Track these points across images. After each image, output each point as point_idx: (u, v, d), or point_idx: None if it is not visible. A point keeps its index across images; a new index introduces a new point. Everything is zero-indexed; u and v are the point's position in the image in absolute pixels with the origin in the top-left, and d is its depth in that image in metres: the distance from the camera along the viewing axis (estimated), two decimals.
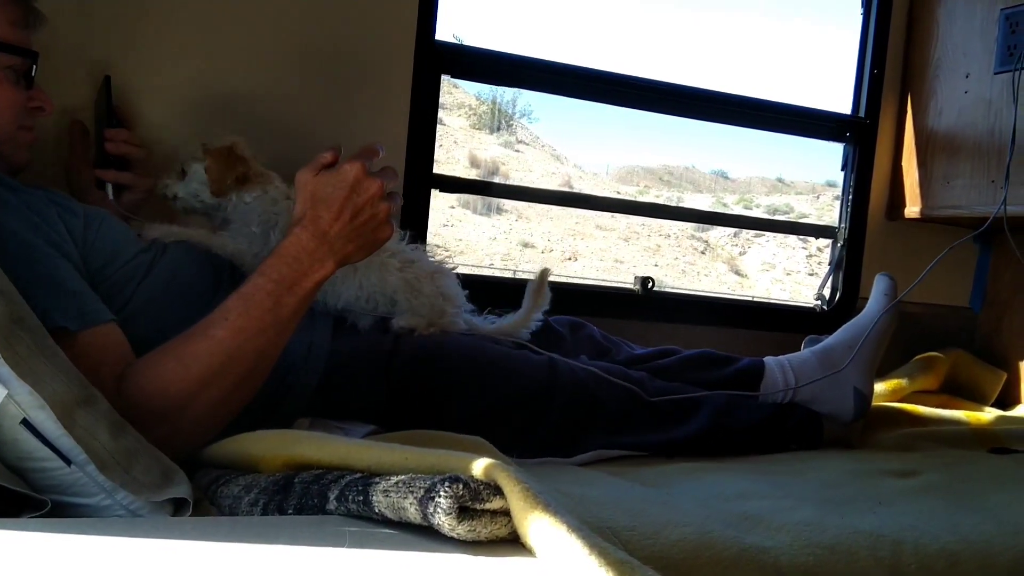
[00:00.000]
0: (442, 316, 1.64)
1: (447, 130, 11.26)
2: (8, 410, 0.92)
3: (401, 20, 1.99)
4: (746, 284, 12.75)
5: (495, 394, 1.56)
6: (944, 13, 2.45)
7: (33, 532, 0.79)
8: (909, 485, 1.49)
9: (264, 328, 1.20)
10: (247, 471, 1.09)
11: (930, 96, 2.48)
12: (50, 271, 1.20)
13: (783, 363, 1.88)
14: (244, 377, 1.21)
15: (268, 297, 1.19)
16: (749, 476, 1.46)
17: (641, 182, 13.93)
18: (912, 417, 2.07)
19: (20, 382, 0.92)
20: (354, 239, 1.24)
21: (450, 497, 0.81)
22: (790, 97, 2.49)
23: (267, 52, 1.88)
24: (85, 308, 1.20)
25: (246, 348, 1.19)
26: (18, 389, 0.92)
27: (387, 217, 1.26)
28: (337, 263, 1.24)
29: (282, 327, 1.22)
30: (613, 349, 1.90)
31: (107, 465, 0.98)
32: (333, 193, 1.23)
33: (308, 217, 1.23)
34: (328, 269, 1.23)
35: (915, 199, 2.50)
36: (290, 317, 1.22)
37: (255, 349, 1.20)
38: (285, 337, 1.24)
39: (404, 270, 1.63)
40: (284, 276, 1.21)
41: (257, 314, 1.19)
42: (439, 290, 1.65)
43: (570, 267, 12.09)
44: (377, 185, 1.23)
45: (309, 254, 1.22)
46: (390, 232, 1.26)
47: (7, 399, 0.91)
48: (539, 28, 11.94)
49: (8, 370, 0.91)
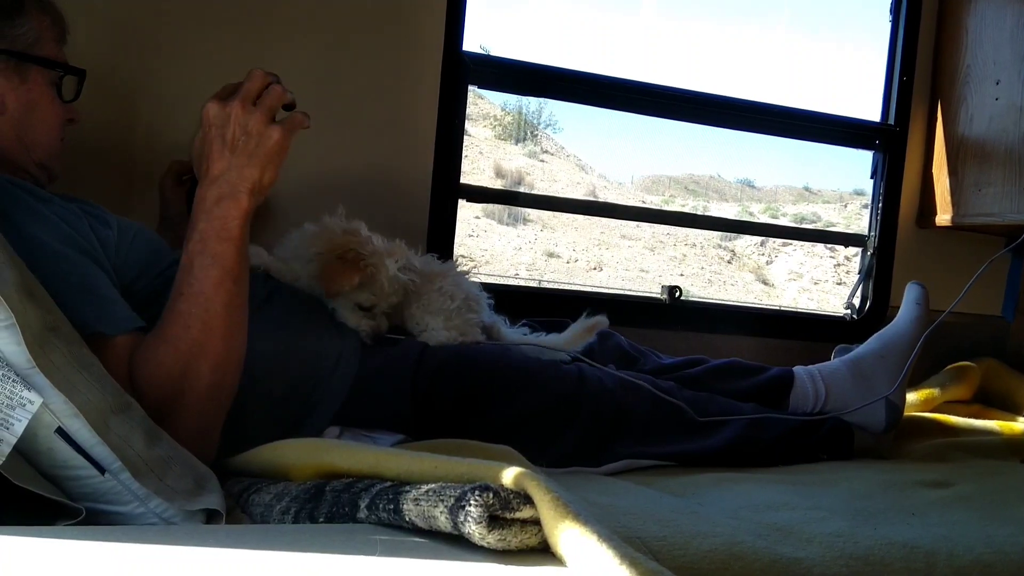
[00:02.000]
0: (470, 327, 1.64)
1: (472, 141, 11.28)
2: (43, 419, 0.93)
3: (428, 31, 2.00)
4: (773, 294, 12.63)
5: (522, 403, 1.56)
6: (973, 20, 2.43)
7: (68, 540, 0.80)
8: (942, 496, 1.47)
9: (218, 282, 1.21)
10: (278, 479, 1.10)
11: (960, 103, 2.46)
12: (83, 278, 1.22)
13: (813, 373, 1.86)
14: (228, 333, 1.23)
15: (203, 255, 1.21)
16: (779, 486, 1.44)
17: (666, 191, 13.86)
18: (944, 427, 2.05)
19: (55, 391, 0.93)
20: (247, 164, 1.23)
21: (480, 506, 0.81)
22: (818, 106, 2.48)
23: (296, 64, 1.90)
24: (118, 314, 1.23)
25: (213, 306, 1.21)
26: (53, 398, 0.93)
27: (265, 123, 1.24)
28: (248, 193, 1.23)
29: (236, 274, 1.23)
30: (641, 359, 1.90)
31: (141, 472, 0.99)
32: (203, 142, 1.25)
33: (201, 174, 1.26)
34: (243, 203, 1.23)
35: (946, 207, 2.47)
36: (236, 261, 1.23)
37: (222, 304, 1.22)
38: (244, 282, 1.26)
39: (433, 282, 1.65)
40: (206, 230, 1.22)
41: (204, 274, 1.21)
42: (467, 300, 1.66)
43: (595, 277, 12.04)
44: (234, 106, 1.23)
45: (216, 202, 1.23)
46: (278, 135, 1.24)
47: (42, 408, 0.92)
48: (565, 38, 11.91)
49: (44, 379, 0.93)
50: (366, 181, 1.96)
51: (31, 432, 0.92)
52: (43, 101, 1.40)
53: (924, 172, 2.55)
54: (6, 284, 0.94)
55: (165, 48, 1.79)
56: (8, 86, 1.34)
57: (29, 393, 0.91)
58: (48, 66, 1.40)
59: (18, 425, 0.90)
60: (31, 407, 0.91)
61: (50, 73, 1.40)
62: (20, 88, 1.36)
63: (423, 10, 2.00)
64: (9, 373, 0.91)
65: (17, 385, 0.91)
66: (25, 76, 1.37)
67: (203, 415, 1.22)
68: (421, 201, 2.03)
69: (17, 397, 0.91)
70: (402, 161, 2.02)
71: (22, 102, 1.36)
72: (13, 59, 1.34)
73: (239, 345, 1.27)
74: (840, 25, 10.90)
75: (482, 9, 2.21)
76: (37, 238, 1.21)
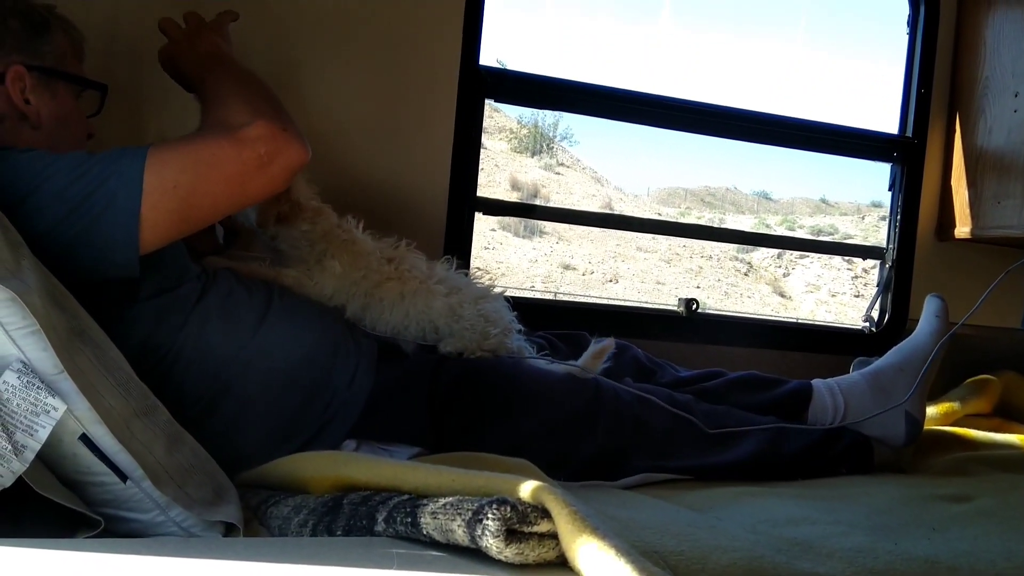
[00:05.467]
0: (487, 339, 1.64)
1: (488, 153, 11.33)
2: (68, 425, 0.94)
3: (446, 46, 2.02)
4: (790, 306, 12.59)
5: (539, 416, 1.56)
6: (991, 33, 2.42)
7: (88, 552, 0.81)
8: (962, 510, 1.45)
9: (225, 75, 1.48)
10: (296, 492, 1.10)
11: (979, 115, 2.44)
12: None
13: (832, 386, 1.85)
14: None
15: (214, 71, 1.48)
16: (798, 501, 1.43)
17: (682, 203, 13.86)
18: (964, 441, 2.03)
19: (80, 396, 0.94)
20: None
21: (498, 519, 0.81)
22: (836, 118, 2.48)
23: (317, 79, 1.92)
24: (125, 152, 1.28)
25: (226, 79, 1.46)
26: (78, 404, 0.94)
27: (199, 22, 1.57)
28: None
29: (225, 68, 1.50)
30: (658, 371, 1.89)
31: (161, 480, 1.00)
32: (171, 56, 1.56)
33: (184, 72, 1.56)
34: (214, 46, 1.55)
35: (965, 219, 2.46)
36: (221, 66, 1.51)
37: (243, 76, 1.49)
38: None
39: (449, 296, 1.64)
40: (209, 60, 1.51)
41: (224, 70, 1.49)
42: (480, 313, 1.65)
43: (611, 289, 12.04)
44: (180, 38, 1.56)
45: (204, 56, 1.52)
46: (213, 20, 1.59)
47: (67, 414, 0.93)
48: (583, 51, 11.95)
49: (70, 384, 0.94)
50: (383, 194, 1.97)
51: (56, 438, 0.93)
52: (72, 116, 1.44)
53: (943, 184, 2.53)
54: (30, 291, 0.96)
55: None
56: (41, 101, 1.39)
57: (53, 400, 0.92)
58: (76, 82, 1.45)
59: (42, 432, 0.91)
60: (55, 413, 0.92)
61: (74, 88, 1.44)
62: (51, 103, 1.40)
63: (441, 25, 2.02)
64: (34, 380, 0.92)
65: (41, 392, 0.92)
66: (55, 91, 1.41)
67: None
68: (438, 214, 2.03)
69: (42, 404, 0.92)
70: (419, 174, 2.03)
71: (54, 117, 1.41)
72: (44, 75, 1.39)
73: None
74: (858, 38, 10.91)
75: (499, 23, 2.22)
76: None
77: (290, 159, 1.33)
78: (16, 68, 1.35)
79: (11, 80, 1.35)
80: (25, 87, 1.37)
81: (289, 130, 1.33)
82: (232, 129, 1.29)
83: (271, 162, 1.30)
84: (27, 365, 0.92)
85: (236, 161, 1.28)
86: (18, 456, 0.88)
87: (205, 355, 1.39)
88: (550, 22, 9.14)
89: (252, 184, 1.32)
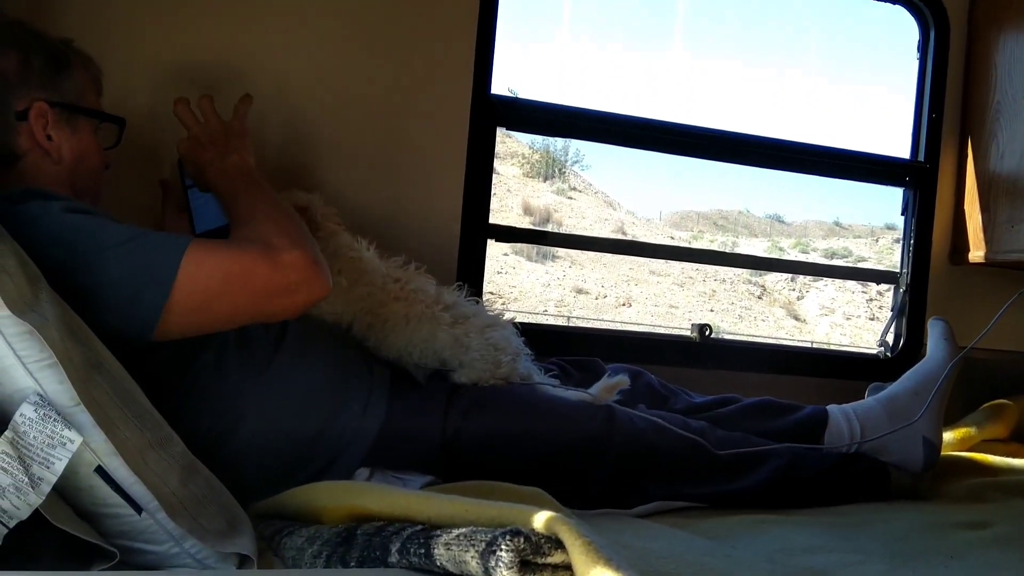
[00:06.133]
0: (499, 367, 1.63)
1: (501, 179, 11.39)
2: (84, 457, 0.95)
3: (458, 75, 2.03)
4: (805, 329, 12.52)
5: (551, 443, 1.56)
6: (1002, 57, 2.42)
7: None
8: (981, 537, 1.44)
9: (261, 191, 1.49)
10: (310, 522, 1.10)
11: (991, 139, 2.44)
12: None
13: (847, 412, 1.84)
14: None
15: (244, 189, 1.49)
16: (815, 529, 1.42)
17: (694, 227, 13.85)
18: (982, 467, 2.01)
19: (97, 428, 0.95)
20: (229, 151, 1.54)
21: (512, 551, 0.81)
22: (849, 143, 2.48)
23: (331, 104, 1.94)
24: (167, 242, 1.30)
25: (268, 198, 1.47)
26: (94, 436, 0.95)
27: (221, 123, 1.57)
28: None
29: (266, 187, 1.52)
30: (671, 398, 1.88)
31: (176, 511, 1.00)
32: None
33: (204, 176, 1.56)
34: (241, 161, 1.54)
35: (979, 244, 2.45)
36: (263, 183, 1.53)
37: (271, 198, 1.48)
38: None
39: (455, 326, 1.64)
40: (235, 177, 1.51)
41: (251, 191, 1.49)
42: (489, 342, 1.64)
43: (625, 313, 12.02)
44: (194, 136, 1.55)
45: (229, 170, 1.52)
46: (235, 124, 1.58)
47: (83, 446, 0.94)
48: (594, 79, 12.03)
49: (87, 416, 0.95)
50: (396, 222, 1.98)
51: (71, 470, 0.94)
52: (91, 150, 1.47)
53: (956, 208, 2.53)
54: (48, 324, 0.97)
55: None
56: (62, 137, 1.41)
57: (70, 432, 0.93)
58: (95, 116, 1.48)
59: (58, 464, 0.92)
60: (71, 446, 0.93)
61: (93, 122, 1.47)
62: (72, 138, 1.43)
63: (453, 55, 2.04)
64: (51, 412, 0.93)
65: (58, 424, 0.93)
66: (75, 127, 1.44)
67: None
68: (450, 241, 2.04)
69: (58, 436, 0.93)
70: (432, 202, 2.04)
71: (75, 152, 1.44)
72: (66, 111, 1.42)
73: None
74: (867, 65, 10.96)
75: (512, 52, 2.24)
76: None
77: (314, 291, 1.36)
78: (39, 105, 1.38)
79: (34, 117, 1.38)
80: (48, 123, 1.40)
81: (320, 264, 1.37)
82: (271, 250, 1.33)
83: (297, 290, 1.34)
84: (44, 398, 0.93)
85: (267, 280, 1.31)
86: (35, 489, 0.89)
87: (221, 383, 1.40)
88: (562, 51, 9.19)
89: (273, 304, 1.35)
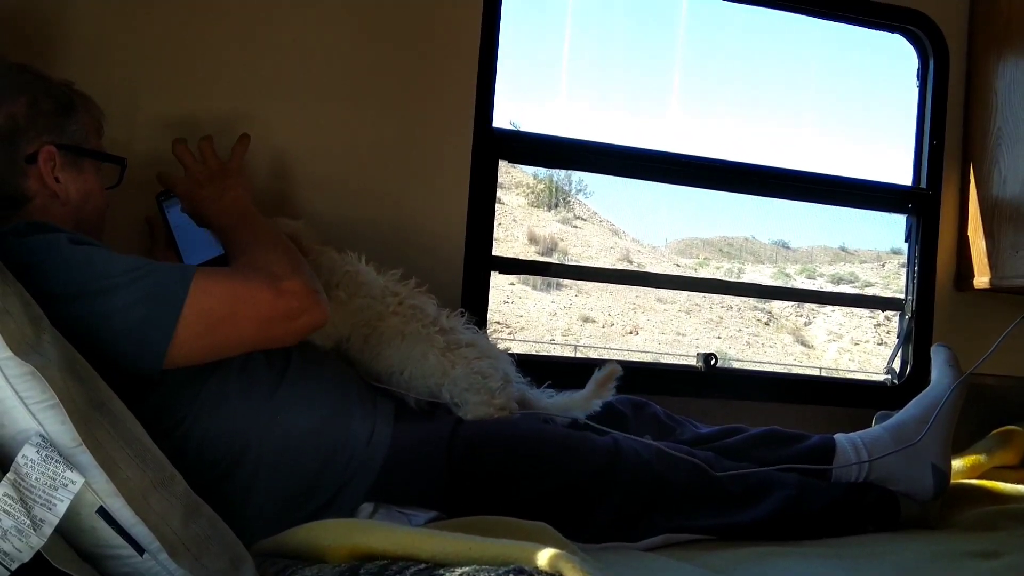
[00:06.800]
0: (495, 397, 1.62)
1: (505, 208, 11.41)
2: (85, 498, 0.94)
3: (460, 109, 2.05)
4: (813, 355, 12.45)
5: (557, 477, 1.55)
6: (1002, 83, 2.43)
7: None
8: (993, 567, 1.43)
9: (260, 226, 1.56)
10: (313, 561, 1.10)
11: (993, 165, 2.45)
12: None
13: (855, 440, 1.83)
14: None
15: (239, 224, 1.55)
16: (824, 560, 1.41)
17: (700, 254, 13.84)
18: (993, 495, 1.99)
19: (99, 469, 0.95)
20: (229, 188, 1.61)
21: None
22: (852, 171, 2.49)
23: (334, 138, 1.95)
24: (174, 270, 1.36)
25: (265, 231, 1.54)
26: (96, 477, 0.95)
27: (219, 162, 1.65)
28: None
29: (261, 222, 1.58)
30: (677, 428, 1.88)
31: (178, 552, 1.00)
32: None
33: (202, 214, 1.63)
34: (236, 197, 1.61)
35: (983, 269, 2.44)
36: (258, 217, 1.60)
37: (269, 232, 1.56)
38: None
39: (447, 352, 1.64)
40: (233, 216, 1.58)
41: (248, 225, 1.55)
42: (475, 371, 1.63)
43: (631, 341, 11.98)
44: (191, 175, 1.62)
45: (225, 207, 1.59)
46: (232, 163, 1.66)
47: (84, 487, 0.94)
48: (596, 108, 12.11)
49: (88, 457, 0.95)
50: (400, 254, 1.98)
51: (74, 511, 0.93)
52: (95, 190, 1.51)
53: (959, 235, 2.53)
54: (50, 364, 0.97)
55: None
56: (69, 178, 1.45)
57: (71, 473, 0.93)
58: (99, 158, 1.52)
59: (60, 505, 0.92)
60: (73, 487, 0.93)
61: (96, 163, 1.52)
62: (78, 179, 1.47)
63: (454, 89, 2.06)
64: (52, 453, 0.93)
65: (60, 465, 0.93)
66: (80, 168, 1.48)
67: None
68: (454, 273, 2.05)
69: (60, 477, 0.93)
70: (435, 234, 2.05)
71: (81, 192, 1.48)
72: (72, 154, 1.46)
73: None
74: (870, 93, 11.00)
75: (514, 83, 2.26)
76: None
77: (314, 318, 1.43)
78: (48, 149, 1.42)
79: (44, 160, 1.42)
80: (56, 166, 1.43)
81: (319, 292, 1.44)
82: (274, 278, 1.38)
83: (298, 317, 1.40)
84: (46, 439, 0.93)
85: (270, 307, 1.36)
86: (36, 531, 0.89)
87: (224, 418, 1.40)
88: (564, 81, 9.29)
89: (275, 330, 1.40)
